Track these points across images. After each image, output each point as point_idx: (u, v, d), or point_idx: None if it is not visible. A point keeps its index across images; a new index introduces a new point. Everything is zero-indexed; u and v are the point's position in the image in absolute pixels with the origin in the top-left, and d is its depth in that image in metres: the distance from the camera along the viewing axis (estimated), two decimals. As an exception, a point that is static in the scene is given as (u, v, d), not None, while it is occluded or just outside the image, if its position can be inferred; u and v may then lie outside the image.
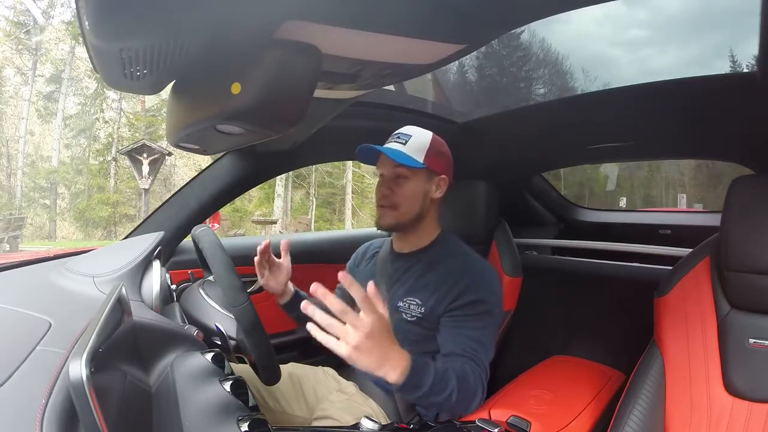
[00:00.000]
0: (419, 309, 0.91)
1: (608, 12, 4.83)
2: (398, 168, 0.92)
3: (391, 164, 0.93)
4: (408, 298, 0.94)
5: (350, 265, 1.14)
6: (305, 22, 0.44)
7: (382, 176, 0.96)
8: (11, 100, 14.30)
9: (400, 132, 0.95)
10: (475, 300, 0.86)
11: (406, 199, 0.93)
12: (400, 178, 0.93)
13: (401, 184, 0.93)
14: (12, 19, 13.27)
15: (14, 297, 0.57)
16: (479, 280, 0.88)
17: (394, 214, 0.94)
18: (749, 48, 0.72)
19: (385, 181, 0.95)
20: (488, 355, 0.85)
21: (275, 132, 0.50)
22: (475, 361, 0.81)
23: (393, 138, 0.95)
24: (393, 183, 0.94)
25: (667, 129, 1.11)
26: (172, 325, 0.62)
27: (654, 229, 1.53)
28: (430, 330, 0.90)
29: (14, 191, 13.46)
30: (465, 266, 0.91)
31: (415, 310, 0.92)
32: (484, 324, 0.86)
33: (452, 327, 0.86)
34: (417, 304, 0.91)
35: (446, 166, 0.97)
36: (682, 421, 0.74)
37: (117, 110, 14.11)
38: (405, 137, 0.93)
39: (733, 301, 0.76)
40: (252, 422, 0.43)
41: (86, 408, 0.32)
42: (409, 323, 0.93)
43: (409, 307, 0.93)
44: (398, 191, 0.93)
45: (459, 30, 0.54)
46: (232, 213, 13.46)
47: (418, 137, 0.94)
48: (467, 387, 0.77)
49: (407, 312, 0.93)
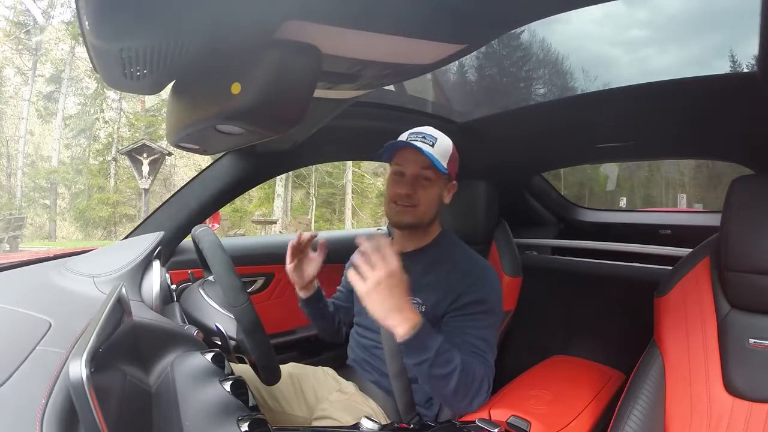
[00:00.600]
0: (420, 308, 0.91)
1: (608, 12, 4.83)
2: (426, 170, 0.91)
3: (418, 164, 0.91)
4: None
5: (350, 266, 1.13)
6: (305, 22, 0.44)
7: (403, 174, 0.93)
8: (11, 100, 14.31)
9: (425, 133, 0.92)
10: (475, 300, 0.86)
11: (427, 202, 0.92)
12: (426, 180, 0.91)
13: (425, 186, 0.92)
14: (12, 19, 13.28)
15: (14, 297, 0.57)
16: (480, 279, 0.88)
17: (414, 214, 0.92)
18: (749, 48, 0.72)
19: (408, 180, 0.92)
20: (494, 354, 0.85)
21: (275, 132, 0.50)
22: (483, 358, 0.81)
23: (417, 137, 0.92)
24: (416, 182, 0.91)
25: (667, 129, 1.11)
26: (172, 325, 0.61)
27: (654, 229, 1.53)
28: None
29: (14, 191, 13.46)
30: (465, 266, 0.91)
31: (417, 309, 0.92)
32: (487, 323, 0.86)
33: (457, 327, 0.86)
34: (418, 303, 0.91)
35: (457, 173, 0.98)
36: (682, 421, 0.74)
37: (117, 110, 14.12)
38: (432, 139, 0.91)
39: (733, 301, 0.76)
40: (252, 422, 0.43)
41: (86, 408, 0.32)
42: None
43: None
44: (421, 192, 0.92)
45: (459, 30, 0.54)
46: (232, 213, 13.46)
47: (443, 142, 0.93)
48: (471, 376, 0.77)
49: None
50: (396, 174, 0.94)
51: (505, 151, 1.47)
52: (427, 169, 0.91)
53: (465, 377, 0.76)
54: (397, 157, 0.94)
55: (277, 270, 1.40)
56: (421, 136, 0.92)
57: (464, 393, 0.77)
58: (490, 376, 0.81)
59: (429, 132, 0.93)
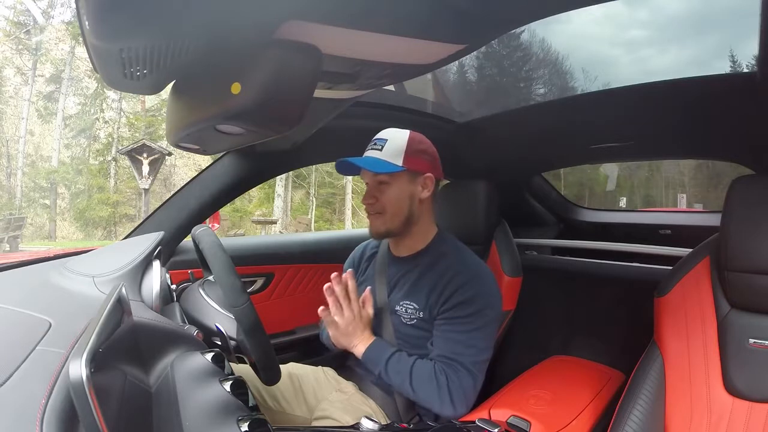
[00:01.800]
0: (417, 313, 0.91)
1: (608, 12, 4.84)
2: (378, 175, 0.92)
3: (370, 173, 0.92)
4: (404, 302, 0.94)
5: (348, 267, 1.13)
6: (305, 22, 0.44)
7: (367, 185, 0.95)
8: (11, 100, 14.31)
9: (377, 137, 0.94)
10: (463, 301, 0.86)
11: (391, 204, 0.92)
12: (382, 184, 0.92)
13: (384, 190, 0.92)
14: (12, 19, 13.28)
15: (14, 297, 0.57)
16: (471, 280, 0.88)
17: (383, 220, 0.93)
18: (749, 48, 0.72)
19: (369, 190, 0.94)
20: (477, 356, 0.85)
21: (275, 132, 0.50)
22: (453, 363, 0.83)
23: (371, 145, 0.94)
24: (376, 190, 0.93)
25: (667, 129, 1.11)
26: (172, 325, 0.61)
27: (654, 229, 1.52)
28: (429, 332, 0.91)
29: (14, 191, 13.46)
30: (457, 267, 0.91)
31: (413, 314, 0.92)
32: (473, 326, 0.85)
33: (441, 330, 0.87)
34: (414, 308, 0.92)
35: (430, 164, 0.94)
36: (682, 421, 0.74)
37: (117, 110, 14.13)
38: (381, 142, 0.92)
39: (733, 301, 0.76)
40: (252, 422, 0.43)
41: (86, 408, 0.32)
42: (407, 326, 0.93)
43: (407, 311, 0.93)
44: (382, 198, 0.92)
45: (459, 30, 0.54)
46: (232, 213, 13.46)
47: (394, 140, 0.92)
48: (424, 382, 0.83)
49: (404, 315, 0.93)
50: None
51: (505, 151, 1.47)
52: (380, 174, 0.91)
53: (420, 386, 0.83)
54: (361, 171, 0.95)
55: (277, 270, 1.40)
56: (373, 143, 0.94)
57: (432, 399, 0.83)
58: (465, 380, 0.83)
59: (381, 135, 0.94)
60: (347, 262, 1.15)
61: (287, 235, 6.96)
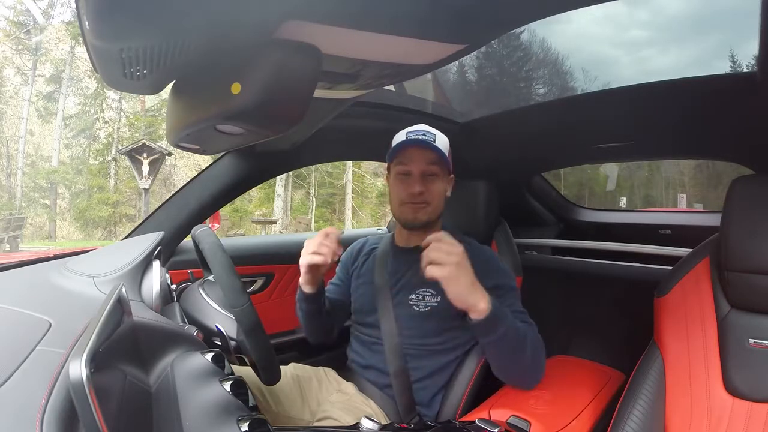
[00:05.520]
0: (434, 299, 0.91)
1: (609, 12, 4.84)
2: (431, 165, 0.91)
3: (424, 160, 0.91)
4: (421, 289, 0.93)
5: (346, 261, 1.12)
6: (305, 22, 0.44)
7: (409, 174, 0.92)
8: (11, 100, 14.32)
9: (423, 130, 0.93)
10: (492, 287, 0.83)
11: (437, 197, 0.93)
12: (433, 175, 0.92)
13: (433, 181, 0.92)
14: (12, 19, 13.28)
15: (14, 297, 0.57)
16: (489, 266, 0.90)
17: (427, 211, 0.93)
18: (749, 48, 0.72)
19: (417, 178, 0.91)
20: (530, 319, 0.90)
21: (275, 132, 0.50)
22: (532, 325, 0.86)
23: (418, 134, 0.92)
24: (424, 180, 0.92)
25: (667, 129, 1.11)
26: (172, 325, 0.61)
27: (654, 229, 1.53)
28: (442, 322, 0.91)
29: (14, 191, 13.46)
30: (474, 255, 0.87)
31: (430, 300, 0.92)
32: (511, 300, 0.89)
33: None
34: (432, 294, 0.92)
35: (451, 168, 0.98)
36: (682, 421, 0.74)
37: (117, 110, 14.13)
38: (431, 135, 0.92)
39: (733, 301, 0.76)
40: (252, 422, 0.43)
41: (86, 408, 0.32)
42: (420, 315, 0.92)
43: (423, 298, 0.93)
44: (431, 188, 0.92)
45: (459, 30, 0.54)
46: (232, 213, 13.46)
47: (441, 136, 0.94)
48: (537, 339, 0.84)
49: (420, 303, 0.93)
50: (402, 174, 0.93)
51: (505, 151, 1.47)
52: (432, 165, 0.91)
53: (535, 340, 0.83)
54: (400, 157, 0.93)
55: (277, 270, 1.40)
56: (420, 133, 0.92)
57: (538, 358, 0.83)
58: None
59: (426, 129, 0.94)
60: (344, 254, 1.13)
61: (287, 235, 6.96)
